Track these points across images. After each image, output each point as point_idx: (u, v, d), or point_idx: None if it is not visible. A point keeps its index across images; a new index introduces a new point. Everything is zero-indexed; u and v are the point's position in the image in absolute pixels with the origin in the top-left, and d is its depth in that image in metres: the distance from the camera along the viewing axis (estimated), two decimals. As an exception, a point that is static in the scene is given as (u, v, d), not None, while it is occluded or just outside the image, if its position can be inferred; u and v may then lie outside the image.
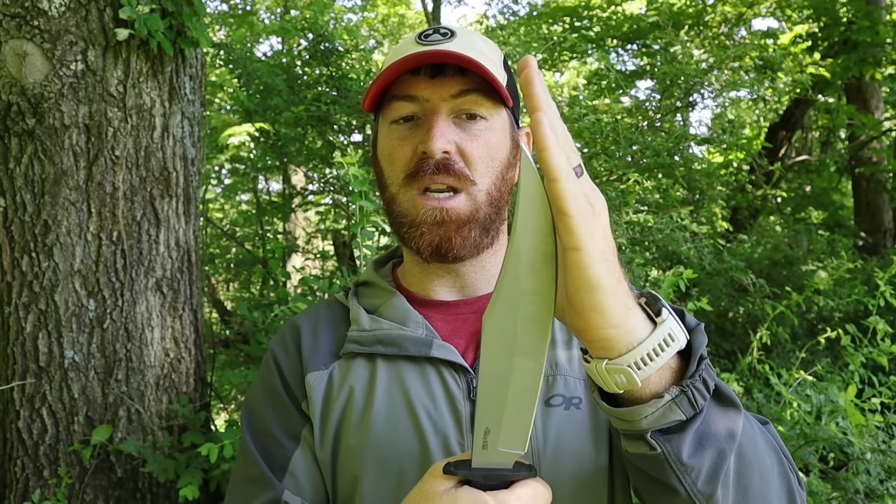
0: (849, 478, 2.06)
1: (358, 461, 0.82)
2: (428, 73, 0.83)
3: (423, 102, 0.83)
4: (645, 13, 6.79)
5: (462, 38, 0.85)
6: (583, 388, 0.82)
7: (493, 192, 0.85)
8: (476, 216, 0.83)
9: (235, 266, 6.40)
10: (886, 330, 2.36)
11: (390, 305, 0.90)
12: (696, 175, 4.12)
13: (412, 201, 0.83)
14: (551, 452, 0.79)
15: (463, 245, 0.83)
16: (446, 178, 0.81)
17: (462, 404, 0.81)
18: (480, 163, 0.83)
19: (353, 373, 0.86)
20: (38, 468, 2.14)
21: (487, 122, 0.84)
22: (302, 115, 3.77)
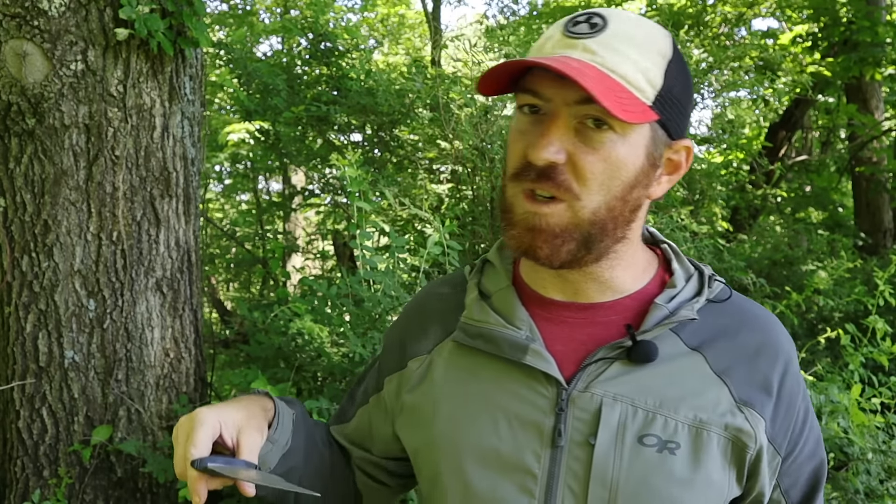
0: (849, 478, 2.06)
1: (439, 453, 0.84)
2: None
3: (547, 102, 0.75)
4: (645, 13, 6.79)
5: (614, 32, 0.74)
6: (686, 434, 0.77)
7: (602, 212, 0.76)
8: (572, 232, 0.76)
9: (235, 266, 6.40)
10: (886, 329, 2.36)
11: (502, 297, 0.86)
12: (696, 175, 4.12)
13: (516, 198, 0.78)
14: (631, 492, 0.75)
15: (551, 256, 0.77)
16: (549, 187, 0.75)
17: (546, 416, 0.78)
18: (593, 179, 0.74)
19: (451, 366, 0.87)
20: (38, 468, 2.14)
21: (616, 134, 0.74)
22: (302, 115, 3.77)
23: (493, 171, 3.09)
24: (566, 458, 0.77)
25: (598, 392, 0.78)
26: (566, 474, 0.77)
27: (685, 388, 0.78)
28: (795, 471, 0.85)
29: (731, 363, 0.80)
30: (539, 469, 0.77)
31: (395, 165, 4.21)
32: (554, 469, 0.77)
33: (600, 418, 0.76)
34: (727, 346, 0.81)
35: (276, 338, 2.38)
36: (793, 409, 0.82)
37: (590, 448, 0.76)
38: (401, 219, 3.68)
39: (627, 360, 0.78)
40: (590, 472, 0.76)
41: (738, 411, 0.78)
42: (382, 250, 2.77)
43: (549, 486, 0.77)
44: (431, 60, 5.87)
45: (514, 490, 0.78)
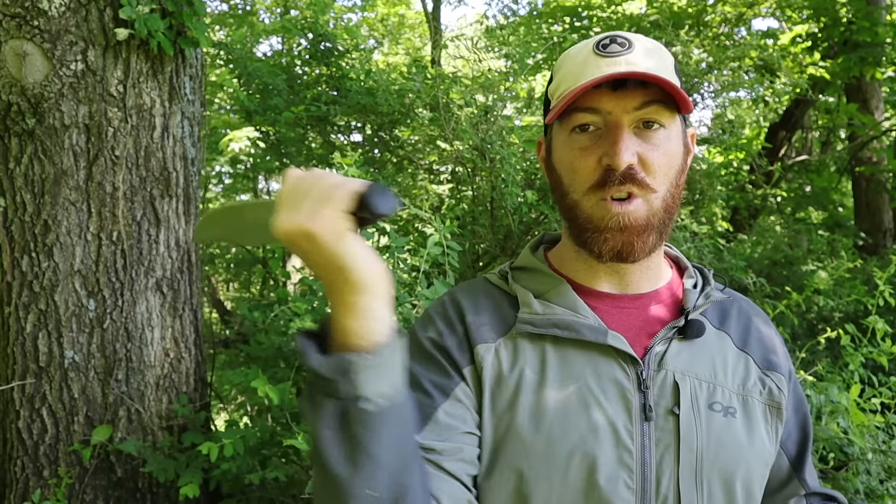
0: (849, 478, 2.06)
1: (530, 445, 0.84)
2: (610, 85, 0.85)
3: (607, 115, 0.85)
4: (645, 13, 6.79)
5: (640, 47, 0.87)
6: (737, 401, 0.88)
7: (668, 198, 0.88)
8: (652, 222, 0.87)
9: (235, 266, 6.39)
10: (886, 329, 2.36)
11: (558, 293, 0.92)
12: (696, 175, 4.12)
13: (597, 207, 0.86)
14: (712, 454, 0.84)
15: (643, 249, 0.87)
16: (632, 188, 0.85)
17: (633, 394, 0.85)
18: (660, 171, 0.86)
19: (522, 354, 0.88)
20: (38, 468, 2.14)
21: (665, 130, 0.87)
22: (302, 116, 3.77)
23: (493, 171, 3.09)
24: (654, 430, 0.85)
25: (670, 368, 0.88)
26: (657, 445, 0.84)
27: (725, 362, 0.90)
28: (787, 423, 0.94)
29: (747, 338, 0.94)
30: (633, 443, 0.84)
31: (395, 165, 4.21)
32: (645, 441, 0.84)
33: (679, 391, 0.86)
34: (737, 325, 0.95)
35: (276, 338, 2.38)
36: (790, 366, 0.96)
37: (675, 418, 0.85)
38: (400, 219, 3.68)
39: (683, 337, 0.90)
40: (679, 438, 0.84)
41: (765, 376, 0.91)
42: (383, 250, 2.77)
43: (642, 458, 0.84)
44: (431, 60, 5.88)
45: (614, 466, 0.83)
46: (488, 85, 3.55)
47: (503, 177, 2.96)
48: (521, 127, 3.76)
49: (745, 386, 0.89)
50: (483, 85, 3.54)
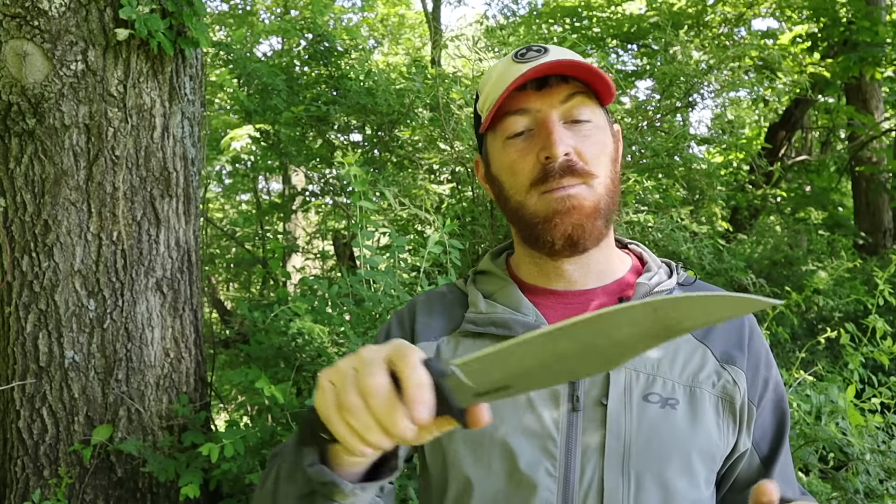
0: (849, 478, 2.06)
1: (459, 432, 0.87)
2: (534, 86, 0.89)
3: (535, 113, 0.89)
4: (645, 13, 6.79)
5: (556, 51, 0.91)
6: (682, 392, 0.88)
7: (609, 183, 0.91)
8: (599, 206, 0.90)
9: (235, 266, 6.39)
10: (886, 329, 2.36)
11: (505, 292, 0.97)
12: (695, 175, 4.12)
13: (541, 201, 0.89)
14: (642, 444, 0.85)
15: (592, 233, 0.90)
16: (572, 179, 0.88)
17: (561, 385, 0.87)
18: (595, 159, 0.89)
19: (461, 350, 0.93)
20: (38, 468, 2.14)
21: (594, 122, 0.91)
22: (301, 116, 3.77)
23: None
24: (581, 420, 0.86)
25: None
26: (583, 434, 0.86)
27: (676, 354, 0.90)
28: (763, 423, 0.93)
29: (709, 331, 0.94)
30: (558, 433, 0.86)
31: (395, 165, 4.21)
32: (572, 432, 0.86)
33: (609, 382, 0.87)
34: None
35: (276, 338, 2.38)
36: (759, 365, 0.94)
37: (602, 408, 0.86)
38: (401, 219, 3.68)
39: None
40: (605, 427, 0.85)
41: (722, 369, 0.91)
42: (383, 250, 2.77)
43: (567, 447, 0.85)
44: (431, 60, 5.88)
45: (537, 454, 0.85)
46: (488, 85, 3.53)
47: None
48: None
49: (696, 377, 0.89)
50: (483, 85, 3.52)
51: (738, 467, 0.93)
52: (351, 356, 0.62)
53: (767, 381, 0.94)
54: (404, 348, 0.59)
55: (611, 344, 0.54)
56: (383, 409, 0.56)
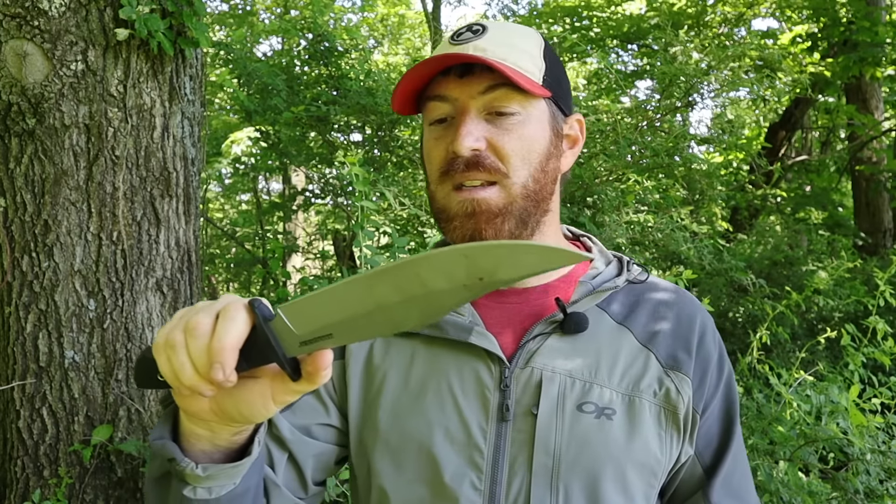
0: (849, 478, 2.06)
1: (383, 437, 0.85)
2: (457, 72, 0.84)
3: (454, 102, 0.84)
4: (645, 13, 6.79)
5: (493, 33, 0.85)
6: (620, 402, 0.83)
7: (530, 184, 0.85)
8: (509, 209, 0.84)
9: (235, 266, 6.40)
10: (886, 330, 2.36)
11: None
12: (696, 175, 4.12)
13: (447, 196, 0.85)
14: (573, 457, 0.80)
15: (495, 237, 0.83)
16: (478, 174, 0.83)
17: (491, 393, 0.83)
18: (514, 156, 0.84)
19: (393, 351, 0.89)
20: (38, 468, 2.14)
21: (520, 115, 0.84)
22: (302, 116, 3.77)
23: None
24: (511, 430, 0.82)
25: (538, 366, 0.83)
26: (511, 445, 0.81)
27: (616, 359, 0.85)
28: (708, 431, 0.88)
29: (654, 333, 0.88)
30: (485, 444, 0.81)
31: (395, 165, 4.21)
32: (499, 443, 0.81)
33: (541, 390, 0.82)
34: (649, 318, 0.89)
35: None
36: (708, 369, 0.88)
37: (532, 418, 0.81)
38: (401, 219, 3.68)
39: (562, 332, 0.85)
40: (533, 440, 0.80)
41: (665, 376, 0.85)
42: (383, 250, 2.77)
43: (495, 459, 0.81)
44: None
45: (463, 465, 0.81)
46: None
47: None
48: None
49: (636, 385, 0.84)
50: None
51: (680, 476, 0.88)
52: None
53: (717, 388, 0.89)
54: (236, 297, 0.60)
55: (428, 293, 0.54)
56: (198, 347, 0.57)
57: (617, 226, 3.07)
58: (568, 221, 3.05)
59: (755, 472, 2.15)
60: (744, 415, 2.30)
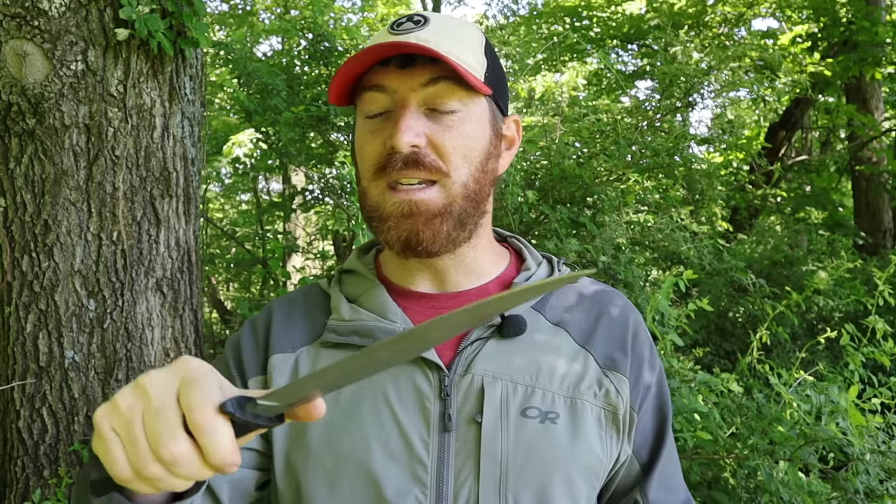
0: (848, 478, 2.06)
1: (315, 456, 0.79)
2: (398, 63, 0.79)
3: (393, 94, 0.79)
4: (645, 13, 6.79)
5: (436, 24, 0.81)
6: (563, 405, 0.80)
7: (470, 184, 0.81)
8: (449, 209, 0.80)
9: (235, 266, 6.40)
10: (886, 329, 2.36)
11: (371, 296, 0.87)
12: (696, 175, 4.12)
13: (381, 195, 0.80)
14: (520, 464, 0.77)
15: (434, 239, 0.80)
16: (417, 172, 0.78)
17: (432, 402, 0.79)
18: (455, 154, 0.80)
19: (321, 363, 0.83)
20: (38, 468, 2.14)
21: (462, 112, 0.80)
22: (302, 116, 3.77)
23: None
24: (454, 440, 0.78)
25: (479, 372, 0.80)
26: (456, 457, 0.77)
27: (556, 361, 0.82)
28: (643, 429, 0.87)
29: (591, 333, 0.86)
30: (428, 456, 0.77)
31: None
32: (443, 454, 0.77)
33: (484, 397, 0.78)
34: (584, 318, 0.87)
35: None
36: (643, 367, 0.87)
37: (476, 426, 0.78)
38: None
39: (500, 336, 0.82)
40: (479, 449, 0.77)
41: (604, 377, 0.83)
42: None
43: (439, 472, 0.77)
44: (431, 60, 5.86)
45: (405, 480, 0.77)
46: (488, 85, 3.54)
47: (503, 177, 2.96)
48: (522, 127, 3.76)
49: (577, 387, 0.81)
50: (483, 85, 3.53)
51: (619, 476, 0.86)
52: (130, 390, 0.54)
53: (650, 385, 0.87)
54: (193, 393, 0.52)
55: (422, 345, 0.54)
56: (189, 472, 0.52)
57: (617, 226, 3.08)
58: (568, 221, 3.05)
59: (755, 471, 2.15)
60: (744, 415, 2.30)
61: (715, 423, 2.20)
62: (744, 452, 2.16)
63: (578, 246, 2.85)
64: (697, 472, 2.25)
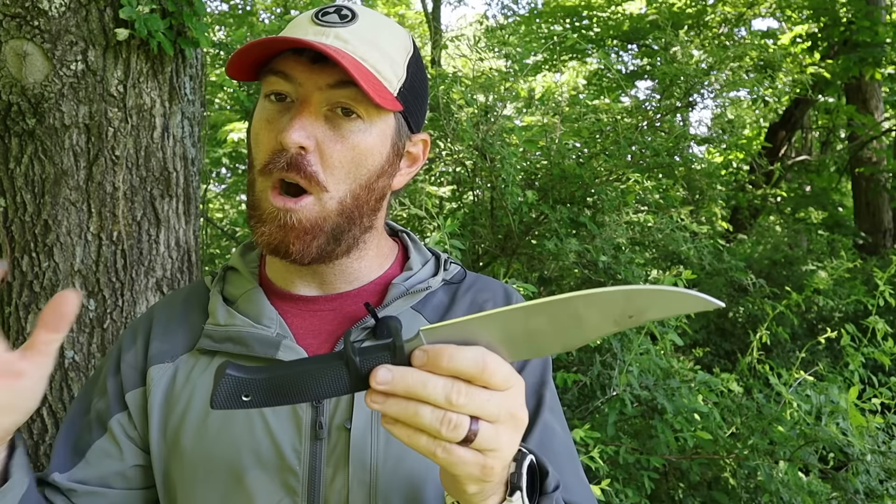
0: (848, 478, 2.06)
1: (190, 467, 0.78)
2: (310, 56, 0.74)
3: (298, 86, 0.75)
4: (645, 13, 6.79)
5: (363, 24, 0.77)
6: None
7: (348, 201, 0.78)
8: (321, 226, 0.77)
9: (235, 266, 6.38)
10: (886, 329, 2.36)
11: (248, 298, 0.85)
12: (696, 175, 4.12)
13: (264, 193, 0.77)
14: (390, 471, 0.76)
15: (302, 252, 0.77)
16: (296, 176, 0.75)
17: (304, 410, 0.77)
18: (339, 168, 0.76)
19: (197, 371, 0.82)
20: (38, 468, 2.14)
21: (364, 122, 0.76)
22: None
23: (493, 171, 3.10)
24: (325, 448, 0.76)
25: None
26: (327, 465, 0.76)
27: None
28: None
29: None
30: (300, 465, 0.76)
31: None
32: (315, 463, 0.76)
33: (353, 404, 0.77)
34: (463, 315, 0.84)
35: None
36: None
37: (347, 433, 0.76)
38: (401, 219, 3.68)
39: (375, 338, 0.80)
40: (349, 456, 0.75)
41: None
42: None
43: (311, 480, 0.76)
44: (431, 60, 5.88)
45: (276, 490, 0.76)
46: (488, 85, 3.55)
47: (503, 177, 2.96)
48: (522, 127, 3.76)
49: None
50: (483, 85, 3.54)
51: None
52: None
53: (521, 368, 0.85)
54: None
55: (578, 325, 0.55)
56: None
57: (617, 226, 3.08)
58: (568, 221, 3.05)
59: (755, 471, 2.15)
60: (744, 415, 2.30)
61: (715, 423, 2.20)
62: (744, 452, 2.16)
63: (578, 246, 2.86)
64: (697, 472, 2.25)
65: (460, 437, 0.54)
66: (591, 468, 1.94)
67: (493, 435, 0.55)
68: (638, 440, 2.31)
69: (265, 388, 0.57)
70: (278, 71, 0.76)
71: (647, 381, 2.30)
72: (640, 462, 2.17)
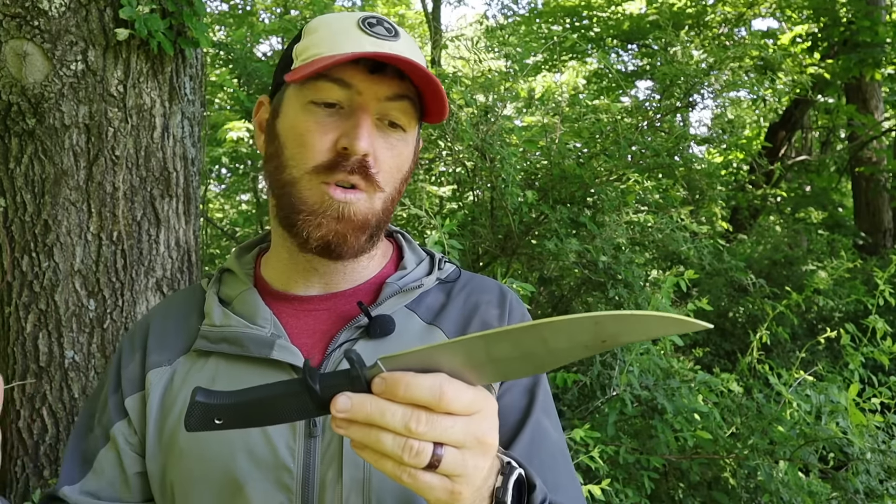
0: (849, 478, 2.06)
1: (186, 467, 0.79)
2: (368, 66, 0.78)
3: (356, 94, 0.78)
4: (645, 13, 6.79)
5: (406, 41, 0.82)
6: None
7: (388, 203, 0.83)
8: (370, 222, 0.81)
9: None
10: (886, 329, 2.36)
11: (243, 299, 0.87)
12: (696, 175, 4.12)
13: (318, 190, 0.79)
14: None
15: (353, 246, 0.81)
16: (360, 180, 0.79)
17: None
18: (388, 173, 0.81)
19: (193, 372, 0.84)
20: (38, 468, 2.14)
21: (405, 133, 0.82)
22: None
23: (493, 171, 3.10)
24: (319, 446, 0.77)
25: None
26: (321, 463, 0.77)
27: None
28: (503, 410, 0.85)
29: (464, 327, 0.86)
30: (294, 463, 0.77)
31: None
32: (309, 461, 0.77)
33: None
34: (458, 315, 0.87)
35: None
36: None
37: None
38: (401, 219, 3.68)
39: (368, 337, 0.82)
40: (342, 454, 0.76)
41: None
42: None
43: (305, 478, 0.76)
44: (431, 60, 5.88)
45: (271, 488, 0.76)
46: (488, 85, 3.55)
47: (503, 177, 2.96)
48: (522, 127, 3.76)
49: None
50: (483, 85, 3.54)
51: None
52: None
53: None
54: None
55: (547, 351, 0.55)
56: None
57: (617, 226, 3.08)
58: (568, 221, 3.05)
59: (755, 471, 2.15)
60: (744, 415, 2.30)
61: (715, 423, 2.20)
62: (744, 452, 2.16)
63: (578, 246, 2.86)
64: (697, 472, 2.25)
65: (423, 464, 0.54)
66: (591, 468, 1.94)
67: (459, 460, 0.56)
68: (638, 440, 2.31)
69: (234, 413, 0.58)
70: (336, 78, 0.78)
71: (647, 381, 2.30)
72: (640, 462, 2.17)
